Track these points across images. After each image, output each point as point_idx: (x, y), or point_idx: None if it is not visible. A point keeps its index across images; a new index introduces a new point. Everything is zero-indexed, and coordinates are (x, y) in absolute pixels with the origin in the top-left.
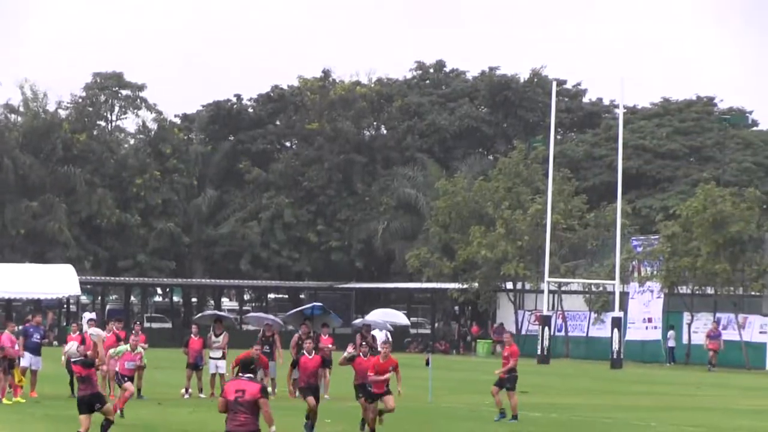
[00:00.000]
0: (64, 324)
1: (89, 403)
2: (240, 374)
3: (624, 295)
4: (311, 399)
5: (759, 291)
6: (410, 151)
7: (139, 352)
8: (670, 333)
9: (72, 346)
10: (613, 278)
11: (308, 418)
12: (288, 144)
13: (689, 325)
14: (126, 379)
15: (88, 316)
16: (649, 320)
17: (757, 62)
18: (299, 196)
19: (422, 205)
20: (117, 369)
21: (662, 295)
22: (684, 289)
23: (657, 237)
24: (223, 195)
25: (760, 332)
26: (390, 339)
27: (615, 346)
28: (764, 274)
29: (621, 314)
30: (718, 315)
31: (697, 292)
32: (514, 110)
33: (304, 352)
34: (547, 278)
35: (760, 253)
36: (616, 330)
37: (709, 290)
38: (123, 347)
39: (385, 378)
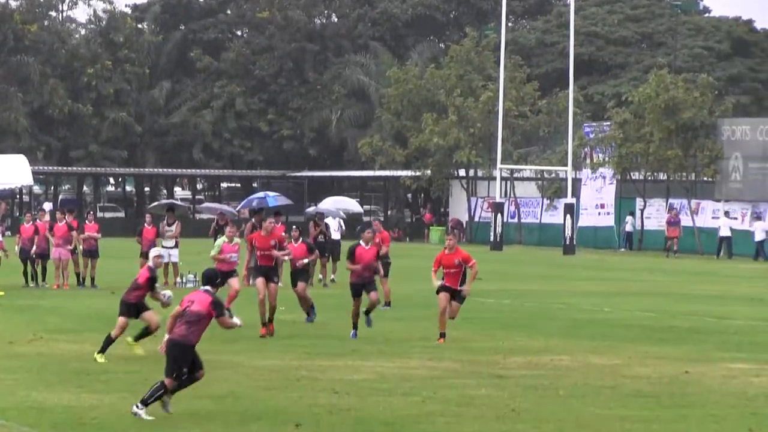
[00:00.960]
0: (17, 214)
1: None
2: (202, 287)
3: (576, 182)
4: (373, 294)
5: (711, 177)
6: (362, 40)
7: (237, 243)
8: (628, 218)
9: (157, 252)
10: (566, 165)
11: (366, 312)
12: (239, 33)
13: (642, 211)
14: (233, 274)
15: (46, 206)
16: (602, 206)
17: None
18: (251, 85)
19: (374, 93)
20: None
21: (614, 182)
22: (636, 175)
23: (609, 123)
24: (174, 84)
25: (713, 218)
26: (343, 227)
27: (567, 232)
28: (716, 159)
29: (573, 200)
30: (670, 201)
31: (649, 178)
32: None
33: (361, 242)
34: (499, 165)
35: (712, 139)
36: (568, 216)
37: (662, 176)
38: (220, 240)
39: (455, 271)
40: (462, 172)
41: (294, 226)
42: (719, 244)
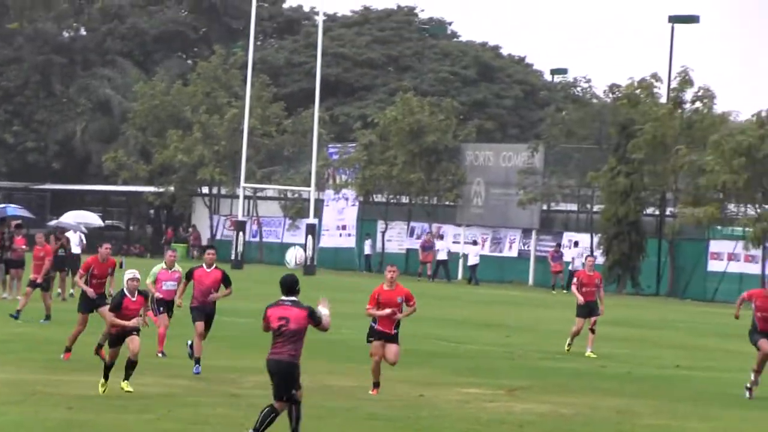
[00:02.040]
0: None
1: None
2: (283, 298)
3: (319, 202)
4: (200, 325)
5: (453, 201)
6: (110, 55)
7: (177, 270)
8: (368, 241)
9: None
10: (309, 185)
11: (191, 351)
12: None
13: (383, 233)
14: (162, 309)
15: None
16: (344, 228)
17: None
18: None
19: (119, 107)
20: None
21: (357, 203)
22: (379, 198)
23: (354, 145)
24: None
25: (454, 242)
26: (84, 241)
27: (309, 252)
28: (459, 184)
29: (315, 221)
30: (412, 224)
31: (392, 200)
32: (218, 16)
33: (203, 264)
34: (243, 183)
35: (456, 164)
36: (310, 236)
37: (404, 199)
38: (157, 267)
39: (391, 312)
40: (206, 190)
41: None
42: (436, 268)
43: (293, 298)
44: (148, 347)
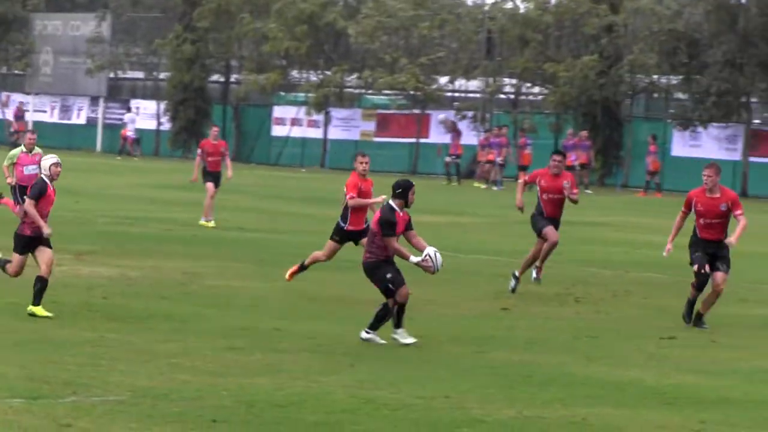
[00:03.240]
0: None
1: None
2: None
3: None
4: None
5: (22, 70)
6: None
7: (38, 153)
8: None
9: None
10: None
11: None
12: None
13: None
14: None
15: None
16: None
17: None
18: None
19: None
20: (13, 182)
21: None
22: None
23: None
24: None
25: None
26: None
27: None
28: (28, 53)
29: None
30: None
31: None
32: None
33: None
34: None
35: (25, 33)
36: None
37: None
38: (17, 150)
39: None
40: None
41: None
42: None
43: (390, 200)
44: None
